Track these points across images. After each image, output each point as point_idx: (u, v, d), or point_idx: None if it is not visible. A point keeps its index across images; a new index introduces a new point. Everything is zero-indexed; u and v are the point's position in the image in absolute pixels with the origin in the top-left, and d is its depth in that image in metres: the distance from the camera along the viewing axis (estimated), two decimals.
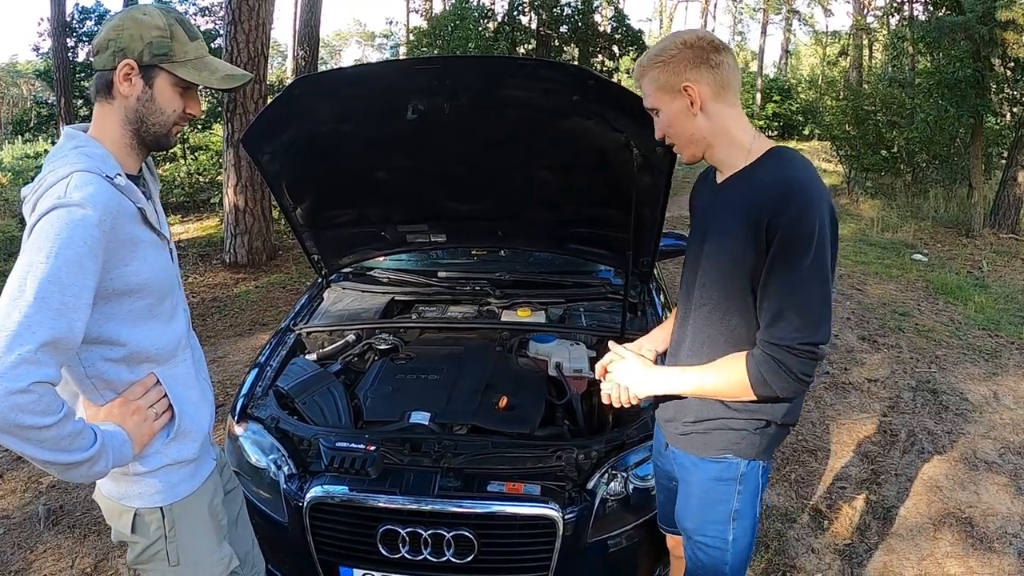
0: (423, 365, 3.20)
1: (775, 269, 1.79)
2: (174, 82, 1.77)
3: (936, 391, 5.46)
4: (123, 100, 1.74)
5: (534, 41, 23.18)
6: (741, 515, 2.08)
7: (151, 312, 1.77)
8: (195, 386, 1.96)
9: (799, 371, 1.80)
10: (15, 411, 1.37)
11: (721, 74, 1.87)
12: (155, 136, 1.80)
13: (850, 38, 29.82)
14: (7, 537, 3.87)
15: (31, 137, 17.07)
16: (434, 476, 2.52)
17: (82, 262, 1.50)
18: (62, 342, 1.46)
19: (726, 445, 2.04)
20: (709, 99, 1.88)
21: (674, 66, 1.87)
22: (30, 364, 1.39)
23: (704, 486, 2.10)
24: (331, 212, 3.61)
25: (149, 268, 1.73)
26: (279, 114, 2.94)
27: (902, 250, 10.26)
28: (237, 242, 9.55)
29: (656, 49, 1.93)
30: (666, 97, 1.91)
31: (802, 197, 1.77)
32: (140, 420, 1.76)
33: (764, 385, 1.85)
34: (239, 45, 8.89)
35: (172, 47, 1.74)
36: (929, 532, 3.78)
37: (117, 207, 1.61)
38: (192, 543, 1.95)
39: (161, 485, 1.87)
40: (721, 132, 1.92)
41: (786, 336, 1.79)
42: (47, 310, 1.43)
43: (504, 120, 2.93)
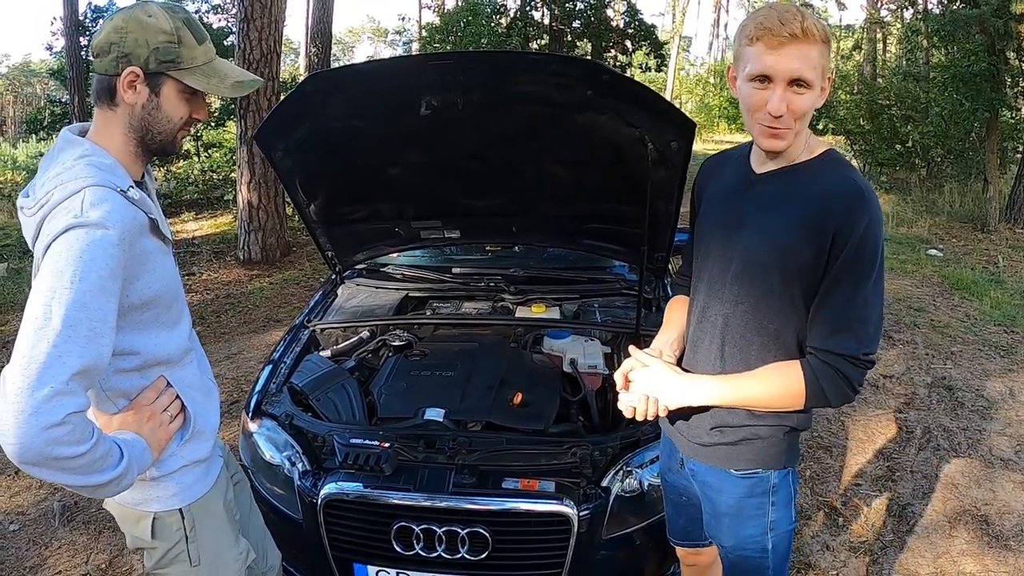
0: (437, 361, 3.19)
1: (842, 281, 1.74)
2: (181, 89, 1.70)
3: (952, 387, 5.43)
4: (127, 108, 1.67)
5: (547, 36, 23.15)
6: (777, 524, 2.03)
7: (158, 320, 1.74)
8: (201, 386, 1.94)
9: (856, 381, 1.78)
10: (51, 445, 1.35)
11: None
12: (160, 144, 1.74)
13: (864, 32, 29.68)
14: (22, 533, 3.89)
15: (45, 136, 17.15)
16: (448, 473, 2.51)
17: (105, 285, 1.47)
18: (92, 369, 1.43)
19: (754, 456, 1.97)
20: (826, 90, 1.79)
21: (829, 50, 1.77)
22: (64, 395, 1.36)
23: (736, 504, 2.03)
24: (344, 208, 3.61)
25: (159, 279, 1.69)
26: (292, 110, 2.93)
27: (917, 245, 10.18)
28: (251, 239, 9.57)
29: (822, 23, 1.73)
30: (822, 79, 1.75)
31: (873, 211, 1.72)
32: (156, 425, 1.74)
33: (820, 395, 1.80)
34: (251, 42, 8.91)
35: (180, 53, 1.66)
36: (945, 530, 3.76)
37: (133, 223, 1.57)
38: (212, 541, 1.94)
39: (178, 487, 1.85)
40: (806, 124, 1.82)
41: (851, 348, 1.75)
42: (76, 338, 1.40)
43: (518, 115, 2.91)
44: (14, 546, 3.79)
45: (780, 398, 1.84)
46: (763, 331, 1.88)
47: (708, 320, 1.99)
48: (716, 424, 1.98)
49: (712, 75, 42.91)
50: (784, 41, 1.68)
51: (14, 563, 3.65)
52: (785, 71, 1.70)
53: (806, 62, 1.69)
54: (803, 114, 1.75)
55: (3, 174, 20.42)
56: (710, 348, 1.99)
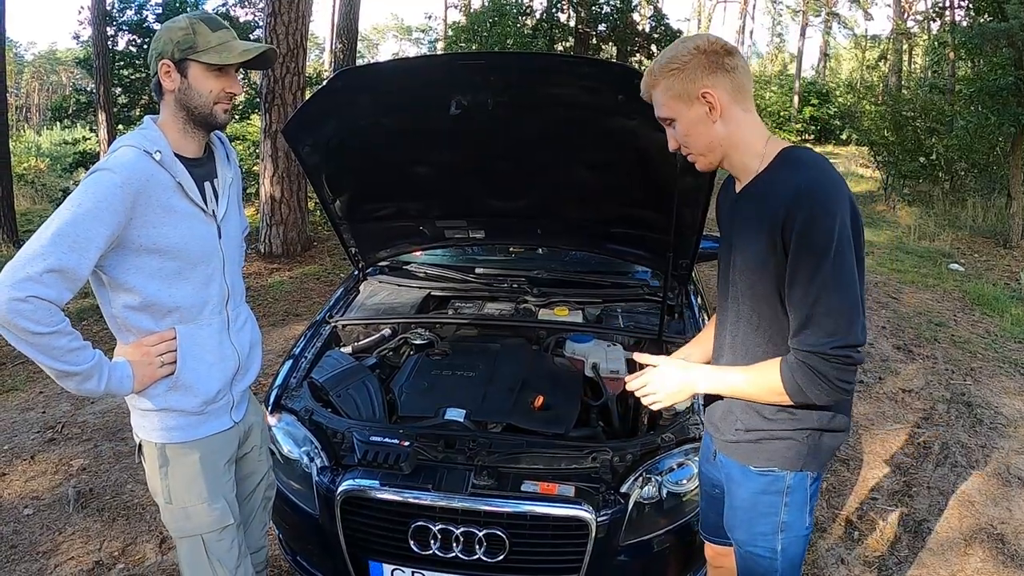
0: (459, 362, 3.19)
1: (797, 274, 1.76)
2: (204, 68, 2.03)
3: (971, 404, 5.38)
4: (170, 94, 2.05)
5: (572, 39, 23.12)
6: (789, 527, 2.03)
7: (180, 274, 2.05)
8: (215, 351, 2.19)
9: (836, 378, 1.76)
10: (13, 314, 1.72)
11: (737, 78, 1.85)
12: (202, 116, 2.08)
13: (890, 42, 29.51)
14: (36, 518, 3.91)
15: (69, 124, 17.21)
16: (468, 474, 2.51)
17: (99, 213, 1.82)
18: (67, 271, 1.77)
19: (771, 455, 1.99)
20: (728, 104, 1.85)
21: (689, 73, 1.84)
22: (34, 282, 1.73)
23: (750, 499, 2.06)
24: (370, 205, 3.61)
25: (178, 235, 2.01)
26: (321, 106, 2.94)
27: (939, 259, 10.12)
28: (272, 232, 9.61)
29: (667, 57, 1.88)
30: (682, 106, 1.88)
31: (814, 198, 1.74)
32: (146, 363, 2.04)
33: (800, 393, 1.81)
34: (278, 37, 8.94)
35: (195, 40, 2.01)
36: (960, 547, 3.72)
37: (147, 175, 1.93)
38: (184, 488, 2.18)
39: (159, 424, 2.13)
40: (738, 138, 1.89)
41: (817, 342, 1.75)
42: (61, 244, 1.76)
43: (548, 117, 2.91)
44: (28, 530, 3.81)
45: (766, 393, 1.89)
46: (762, 339, 1.95)
47: (723, 333, 2.11)
48: (741, 425, 2.03)
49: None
50: (646, 96, 1.98)
51: (27, 547, 3.67)
52: (657, 116, 1.98)
53: (656, 104, 1.95)
54: (684, 138, 1.93)
55: (27, 161, 20.63)
56: (722, 356, 2.11)
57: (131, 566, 3.52)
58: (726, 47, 1.85)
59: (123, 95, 15.03)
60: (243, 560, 2.33)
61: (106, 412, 5.12)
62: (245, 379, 2.33)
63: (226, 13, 15.94)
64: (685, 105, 1.87)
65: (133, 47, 14.93)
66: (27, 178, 18.31)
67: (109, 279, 1.99)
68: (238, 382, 2.29)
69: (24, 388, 5.69)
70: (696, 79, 1.83)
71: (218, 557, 2.24)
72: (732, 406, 2.06)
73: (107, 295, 2.04)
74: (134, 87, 15.02)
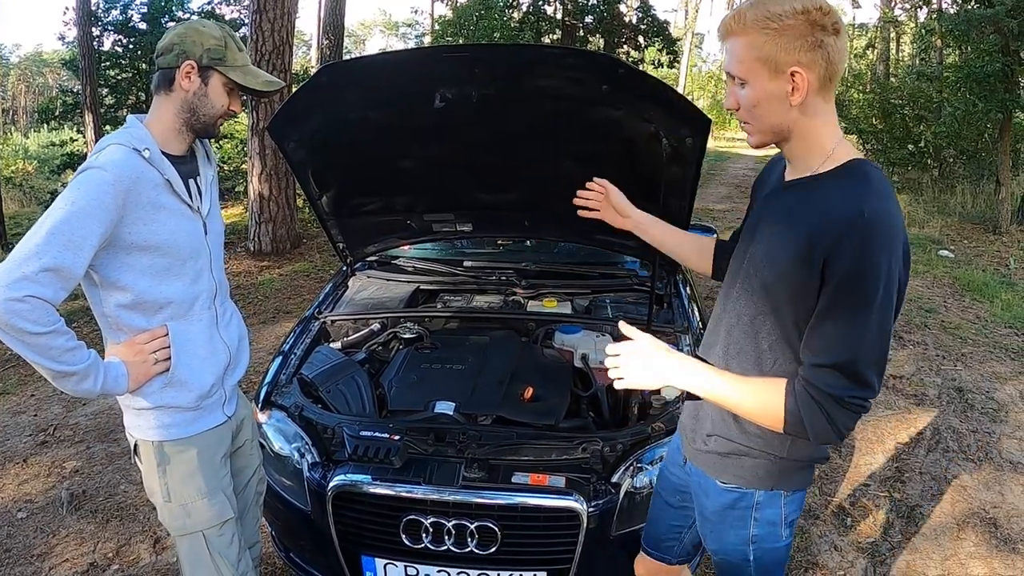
0: (448, 355, 3.19)
1: (833, 310, 1.56)
2: (224, 82, 2.09)
3: (962, 389, 5.41)
4: (182, 93, 2.06)
5: (559, 31, 23.04)
6: (761, 539, 1.92)
7: (169, 270, 2.06)
8: (206, 346, 2.20)
9: (842, 424, 1.60)
10: (10, 314, 1.71)
11: (834, 64, 1.57)
12: (204, 125, 2.12)
13: (877, 31, 29.53)
14: (30, 521, 3.90)
15: (56, 125, 17.09)
16: (458, 466, 2.51)
17: (92, 211, 1.82)
18: (63, 270, 1.77)
19: (738, 472, 1.88)
20: (814, 91, 1.59)
21: (788, 40, 1.54)
22: (30, 281, 1.72)
23: (718, 513, 1.96)
24: (357, 200, 3.60)
25: (168, 232, 2.02)
26: (306, 101, 2.92)
27: (928, 246, 10.14)
28: (261, 230, 9.59)
29: (769, 8, 1.56)
30: (764, 73, 1.59)
31: (874, 233, 1.50)
32: (140, 361, 2.04)
33: (799, 425, 1.63)
34: (264, 34, 8.91)
35: (226, 54, 2.07)
36: (953, 532, 3.75)
37: (136, 173, 1.93)
38: (182, 484, 2.18)
39: (156, 422, 2.14)
40: (810, 129, 1.65)
41: (837, 386, 1.57)
42: (55, 243, 1.76)
43: (532, 109, 2.89)
44: (22, 533, 3.80)
45: (761, 414, 1.69)
46: (758, 348, 1.76)
47: (719, 326, 1.92)
48: (712, 432, 1.91)
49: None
50: (722, 37, 1.66)
51: (21, 550, 3.66)
52: (726, 66, 1.68)
53: (732, 56, 1.63)
54: (750, 108, 1.66)
55: (15, 163, 20.53)
56: (716, 354, 1.90)
57: (126, 567, 3.51)
58: (836, 23, 1.55)
59: (110, 95, 14.91)
60: (243, 554, 2.34)
61: (98, 414, 5.10)
62: (236, 373, 2.34)
63: (212, 12, 15.84)
64: (768, 74, 1.59)
65: (119, 47, 14.82)
66: (15, 181, 18.24)
67: (100, 278, 1.99)
68: (229, 376, 2.30)
69: (16, 391, 5.66)
70: (792, 50, 1.55)
71: (219, 552, 2.25)
72: (706, 409, 1.93)
73: (98, 294, 2.04)
74: (121, 87, 14.91)
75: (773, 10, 1.55)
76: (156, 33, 14.21)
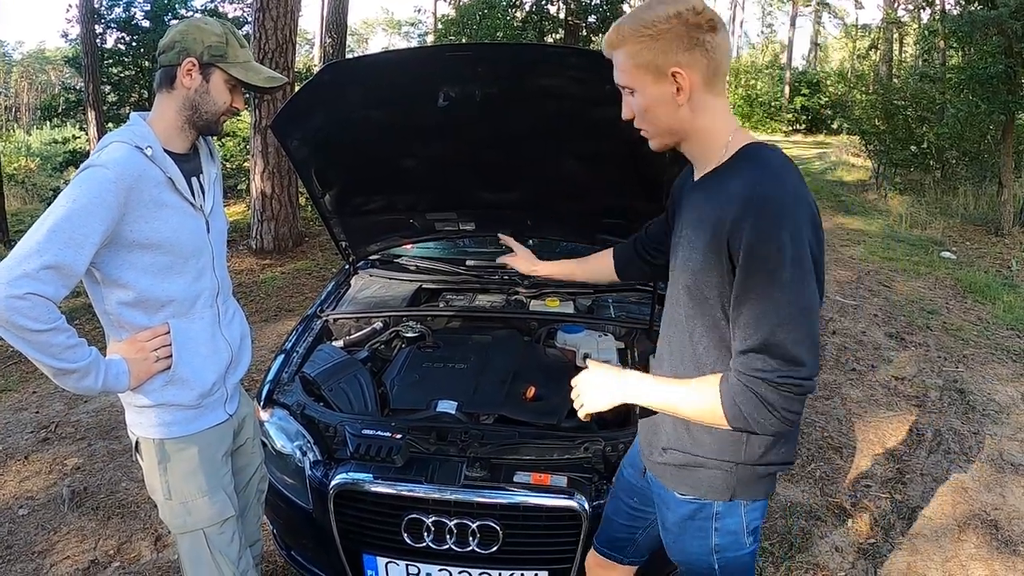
0: (450, 354, 3.19)
1: (746, 293, 1.57)
2: (226, 79, 2.09)
3: (963, 391, 5.41)
4: (183, 90, 2.06)
5: (562, 30, 23.06)
6: (724, 548, 1.88)
7: (171, 268, 2.06)
8: (208, 344, 2.20)
9: (782, 408, 1.56)
10: (11, 312, 1.70)
11: (715, 59, 1.63)
12: (206, 122, 2.12)
13: (880, 32, 29.55)
14: (31, 518, 3.91)
15: (59, 123, 17.09)
16: (460, 465, 2.50)
17: (94, 209, 1.82)
18: (64, 268, 1.77)
19: (694, 484, 1.85)
20: (699, 88, 1.64)
21: (664, 44, 1.60)
22: (31, 279, 1.72)
23: (679, 524, 1.93)
24: (360, 199, 3.60)
25: (170, 229, 2.02)
26: (309, 99, 2.92)
27: (931, 247, 10.14)
28: (263, 228, 9.60)
29: (641, 17, 1.63)
30: (648, 78, 1.65)
31: (770, 209, 1.54)
32: (141, 358, 2.04)
33: (740, 419, 1.60)
34: (267, 32, 8.91)
35: (227, 51, 2.07)
36: (954, 533, 3.74)
37: (138, 171, 1.93)
38: (183, 482, 2.18)
39: (157, 420, 2.14)
40: (703, 125, 1.70)
41: (765, 369, 1.55)
42: (56, 240, 1.76)
43: (536, 108, 2.90)
44: (23, 530, 3.81)
45: (701, 413, 1.68)
46: (695, 352, 1.77)
47: (663, 342, 1.94)
48: (667, 445, 1.89)
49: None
50: (607, 52, 1.74)
51: (23, 547, 3.67)
52: (615, 79, 1.75)
53: (617, 68, 1.72)
54: (643, 114, 1.72)
55: (17, 160, 20.55)
56: (663, 365, 1.92)
57: (126, 564, 3.52)
58: (712, 21, 1.61)
59: (112, 93, 14.93)
60: (244, 552, 2.34)
61: (99, 411, 5.11)
62: (237, 371, 2.34)
63: (215, 9, 15.85)
64: (651, 79, 1.65)
65: (122, 44, 14.84)
66: (17, 178, 18.23)
67: (102, 275, 1.99)
68: (231, 374, 2.30)
69: (17, 388, 5.67)
70: (670, 53, 1.60)
71: (220, 550, 2.25)
72: (661, 421, 1.91)
73: (100, 292, 2.04)
74: (123, 85, 14.92)
75: (647, 18, 1.62)
76: (159, 31, 14.20)
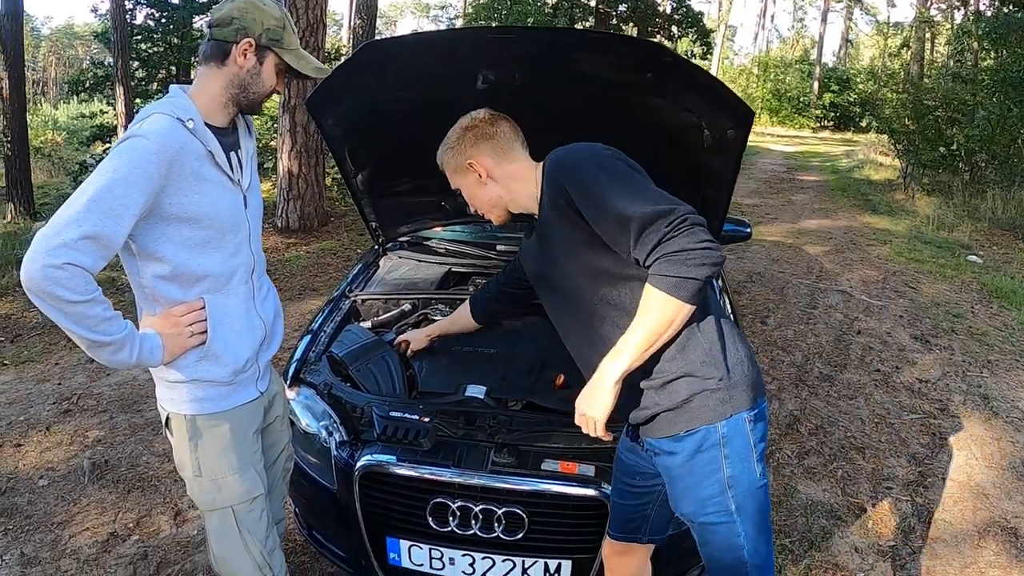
0: (479, 338, 3.14)
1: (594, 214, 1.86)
2: (278, 63, 2.10)
3: (987, 397, 5.34)
4: (235, 68, 2.04)
5: (592, 18, 22.98)
6: (737, 480, 1.94)
7: (208, 243, 2.04)
8: (242, 320, 2.19)
9: (693, 245, 1.70)
10: (48, 281, 1.67)
11: (499, 141, 2.16)
12: (251, 102, 2.12)
13: (913, 30, 29.23)
14: (51, 489, 3.93)
15: (87, 97, 17.15)
16: (488, 451, 2.49)
17: (134, 180, 1.80)
18: (103, 239, 1.74)
19: (692, 416, 1.93)
20: (493, 166, 2.16)
21: (459, 149, 2.18)
22: (69, 248, 1.69)
23: (687, 465, 1.97)
24: (392, 180, 3.58)
25: (209, 204, 2.00)
26: (346, 78, 2.91)
27: (957, 250, 10.03)
28: (289, 207, 9.64)
29: (446, 137, 2.23)
30: (459, 177, 2.22)
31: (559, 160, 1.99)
32: (176, 333, 2.03)
33: (682, 284, 1.72)
34: (298, 11, 8.91)
35: (283, 36, 2.07)
36: (973, 540, 3.71)
37: (180, 143, 1.91)
38: (214, 459, 2.18)
39: (189, 396, 2.13)
40: (513, 187, 2.18)
41: (656, 235, 1.72)
42: (96, 210, 1.73)
43: (574, 94, 2.86)
44: (43, 501, 3.83)
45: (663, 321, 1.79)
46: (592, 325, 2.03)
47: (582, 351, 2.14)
48: (650, 402, 1.98)
49: (756, 66, 42.52)
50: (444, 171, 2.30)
51: (42, 518, 3.69)
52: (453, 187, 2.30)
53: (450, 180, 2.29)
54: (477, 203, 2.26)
55: (44, 134, 20.66)
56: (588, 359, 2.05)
57: (146, 538, 3.54)
58: (486, 117, 2.19)
59: (141, 69, 14.99)
60: (271, 530, 2.33)
61: (122, 384, 5.13)
62: (270, 349, 2.33)
63: None
64: (461, 176, 2.21)
65: (151, 21, 14.88)
66: (44, 151, 18.33)
67: (139, 248, 1.97)
68: (264, 352, 2.29)
69: (40, 359, 5.71)
70: (463, 153, 2.17)
71: (248, 528, 2.24)
72: (628, 399, 1.98)
73: (136, 264, 2.02)
74: (152, 61, 14.99)
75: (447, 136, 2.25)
76: (189, 8, 14.26)
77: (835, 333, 6.66)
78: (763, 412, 2.01)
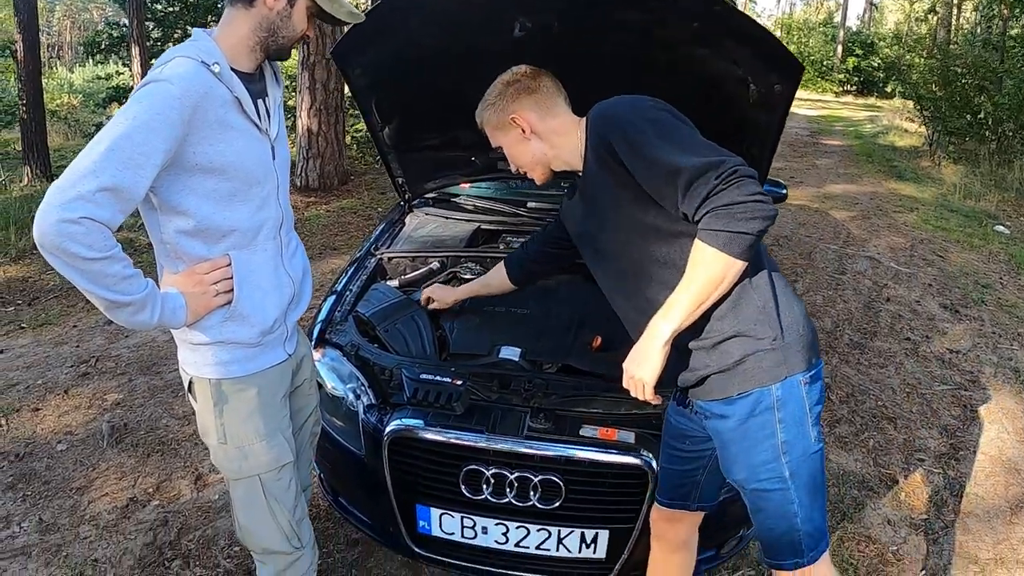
0: (512, 298, 2.99)
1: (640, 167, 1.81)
2: (309, 6, 1.95)
3: (1018, 370, 5.24)
4: (265, 11, 1.89)
5: None
6: (791, 446, 1.88)
7: (235, 195, 1.91)
8: (270, 278, 2.07)
9: (743, 197, 1.64)
10: (63, 237, 1.55)
11: (541, 95, 2.12)
12: (280, 47, 1.98)
13: None
14: (69, 453, 3.88)
15: (102, 59, 17.00)
16: (524, 416, 2.38)
17: (156, 127, 1.66)
18: (123, 191, 1.62)
19: (745, 378, 1.87)
20: (536, 121, 2.12)
21: (499, 105, 2.14)
22: (86, 201, 1.56)
23: (739, 429, 1.91)
24: (421, 133, 3.46)
25: (235, 153, 1.87)
26: (374, 26, 2.75)
27: (984, 220, 9.86)
28: (309, 166, 9.59)
29: (485, 95, 2.20)
30: (500, 134, 2.19)
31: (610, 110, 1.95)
32: (200, 292, 1.91)
33: (735, 238, 1.67)
34: None
35: None
36: (1006, 515, 3.63)
37: (205, 88, 1.77)
38: (240, 425, 2.07)
39: (214, 359, 2.01)
40: (557, 142, 2.13)
41: (704, 188, 1.66)
42: (115, 160, 1.60)
43: (615, 43, 2.71)
44: (61, 466, 3.77)
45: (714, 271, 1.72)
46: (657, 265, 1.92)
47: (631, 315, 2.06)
48: (704, 364, 1.93)
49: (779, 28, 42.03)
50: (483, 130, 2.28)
51: (60, 483, 3.63)
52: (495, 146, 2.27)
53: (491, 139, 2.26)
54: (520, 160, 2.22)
55: (60, 97, 20.58)
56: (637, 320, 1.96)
57: (166, 503, 3.48)
58: (528, 72, 2.16)
59: (156, 29, 14.86)
60: (299, 499, 2.25)
61: (140, 346, 5.06)
62: (298, 308, 2.22)
63: None
64: (503, 133, 2.18)
65: None
66: (60, 114, 18.23)
67: (160, 201, 1.84)
68: (292, 311, 2.18)
69: (57, 322, 5.65)
70: (505, 108, 2.13)
71: (276, 496, 2.15)
72: (686, 351, 1.94)
73: (157, 219, 1.89)
74: (168, 21, 14.85)
75: (486, 94, 2.21)
76: None
77: (864, 300, 6.56)
78: (819, 374, 1.95)
